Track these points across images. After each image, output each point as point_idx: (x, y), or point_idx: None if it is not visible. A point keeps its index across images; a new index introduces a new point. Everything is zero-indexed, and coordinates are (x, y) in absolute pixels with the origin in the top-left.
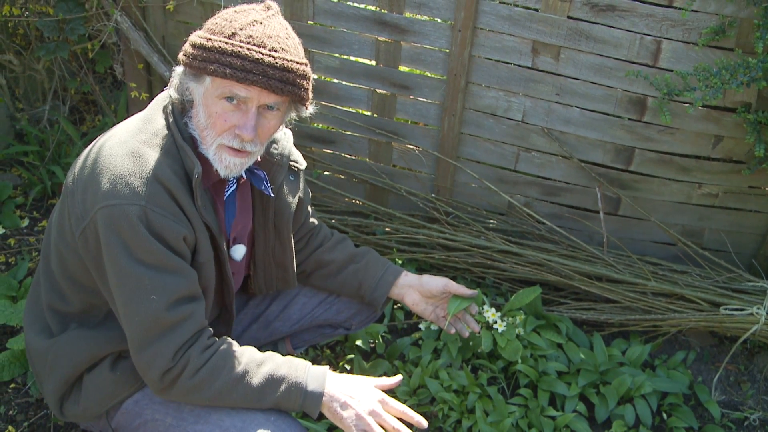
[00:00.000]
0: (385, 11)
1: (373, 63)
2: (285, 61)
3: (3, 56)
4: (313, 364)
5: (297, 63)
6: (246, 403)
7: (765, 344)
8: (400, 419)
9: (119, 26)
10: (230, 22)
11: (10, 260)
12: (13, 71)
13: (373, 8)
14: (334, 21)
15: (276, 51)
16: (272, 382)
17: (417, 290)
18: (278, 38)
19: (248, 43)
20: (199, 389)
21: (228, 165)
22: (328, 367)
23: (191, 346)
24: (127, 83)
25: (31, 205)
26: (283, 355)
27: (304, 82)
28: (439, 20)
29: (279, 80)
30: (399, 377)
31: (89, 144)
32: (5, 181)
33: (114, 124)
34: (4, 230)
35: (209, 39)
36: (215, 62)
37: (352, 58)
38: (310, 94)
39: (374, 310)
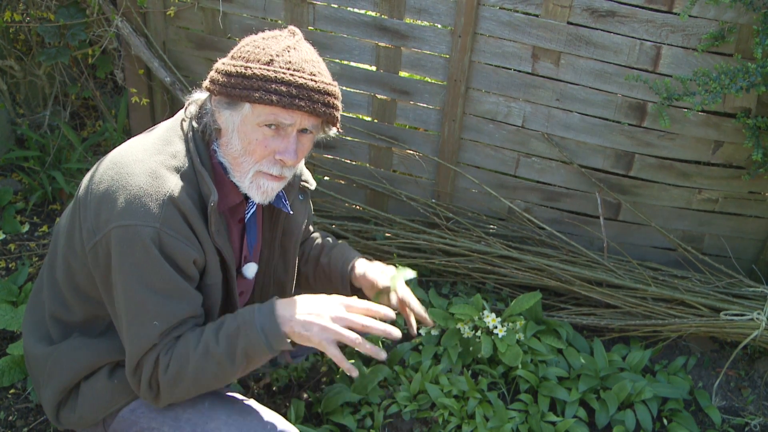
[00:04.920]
0: (386, 17)
1: (374, 68)
2: (325, 84)
3: (4, 62)
4: (313, 369)
5: (333, 85)
6: (223, 373)
7: (765, 350)
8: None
9: (120, 32)
10: (263, 49)
11: (10, 265)
12: (14, 77)
13: (373, 14)
14: (334, 27)
15: (315, 75)
16: (230, 339)
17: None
18: (313, 62)
19: (288, 69)
20: (178, 380)
21: (266, 191)
22: (275, 297)
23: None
24: (127, 89)
25: (32, 211)
26: (283, 365)
27: (339, 104)
28: (439, 26)
29: (323, 104)
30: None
31: (90, 149)
32: (6, 187)
33: (115, 129)
34: (4, 235)
35: (247, 67)
36: (259, 89)
37: (353, 64)
38: None
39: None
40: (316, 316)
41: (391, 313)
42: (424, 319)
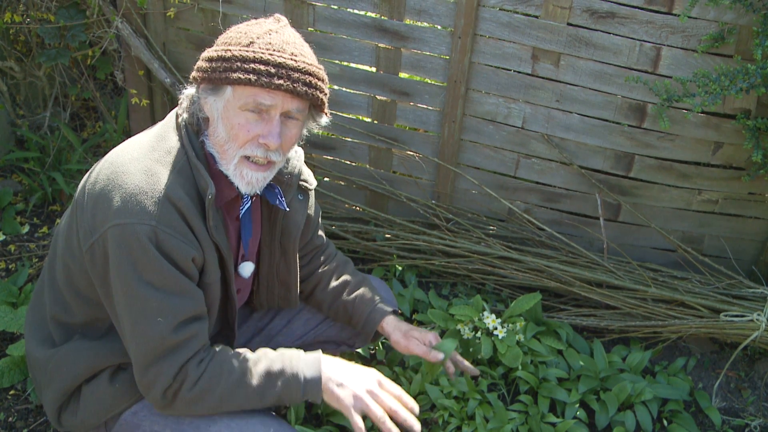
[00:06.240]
0: (386, 18)
1: (374, 69)
2: (306, 65)
3: (4, 63)
4: None
5: (316, 67)
6: (248, 405)
7: (765, 351)
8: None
9: (120, 33)
10: (245, 33)
11: (10, 267)
12: (14, 78)
13: (373, 15)
14: (334, 28)
15: (296, 55)
16: (270, 378)
17: (401, 332)
18: (295, 44)
19: (268, 49)
20: (201, 399)
21: (249, 181)
22: (320, 351)
23: (189, 361)
24: (127, 90)
25: (32, 212)
26: None
27: (324, 87)
28: (439, 27)
29: (303, 83)
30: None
31: (90, 150)
32: (6, 188)
33: (115, 131)
34: (4, 237)
35: (227, 50)
36: (238, 70)
37: (353, 65)
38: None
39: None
40: (353, 382)
41: (416, 409)
42: (473, 371)
